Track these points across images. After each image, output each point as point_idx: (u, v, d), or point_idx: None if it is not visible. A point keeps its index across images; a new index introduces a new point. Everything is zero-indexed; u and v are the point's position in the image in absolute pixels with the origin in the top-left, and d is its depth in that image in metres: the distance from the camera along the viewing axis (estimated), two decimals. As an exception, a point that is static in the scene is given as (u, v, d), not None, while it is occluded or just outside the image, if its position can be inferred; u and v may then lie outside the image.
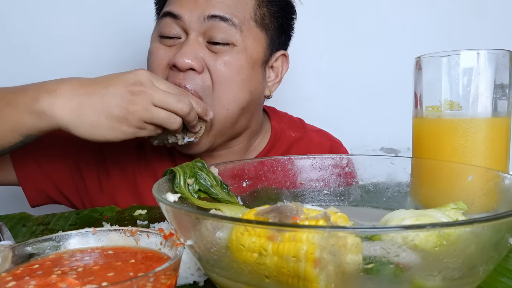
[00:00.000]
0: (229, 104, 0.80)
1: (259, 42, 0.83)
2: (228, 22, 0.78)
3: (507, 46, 0.60)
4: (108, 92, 0.66)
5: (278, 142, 0.97)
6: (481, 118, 0.58)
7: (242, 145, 0.92)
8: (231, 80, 0.79)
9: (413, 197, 0.58)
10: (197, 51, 0.78)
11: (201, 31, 0.78)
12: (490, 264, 0.36)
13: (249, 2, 0.82)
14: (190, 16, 0.78)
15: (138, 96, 0.66)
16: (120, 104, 0.66)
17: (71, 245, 0.42)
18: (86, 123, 0.66)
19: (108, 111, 0.66)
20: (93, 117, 0.66)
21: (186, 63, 0.76)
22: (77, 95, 0.66)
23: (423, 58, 0.61)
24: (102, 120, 0.66)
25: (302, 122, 1.06)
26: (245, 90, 0.81)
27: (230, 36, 0.78)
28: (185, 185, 0.50)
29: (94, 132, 0.66)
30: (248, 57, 0.81)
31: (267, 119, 1.01)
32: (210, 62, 0.78)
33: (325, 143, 1.01)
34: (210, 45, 0.79)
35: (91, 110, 0.66)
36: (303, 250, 0.32)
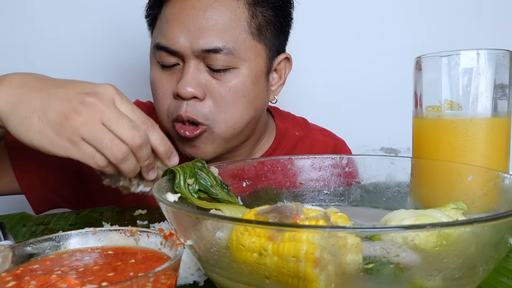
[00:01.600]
0: (236, 124, 0.80)
1: (260, 56, 0.81)
2: (223, 51, 0.76)
3: (507, 46, 0.60)
4: (56, 93, 0.56)
5: (283, 141, 0.97)
6: (481, 118, 0.58)
7: (247, 150, 0.92)
8: (237, 104, 0.79)
9: (413, 197, 0.58)
10: (199, 78, 0.77)
11: (199, 59, 0.77)
12: (490, 264, 0.36)
13: (242, 16, 0.78)
14: (184, 49, 0.76)
15: (86, 107, 0.54)
16: (61, 108, 0.54)
17: (71, 245, 0.42)
18: (17, 118, 0.55)
19: (44, 112, 0.54)
20: (25, 113, 0.54)
21: (189, 92, 0.75)
22: (23, 87, 0.56)
23: (423, 58, 0.61)
24: (34, 120, 0.54)
25: (305, 121, 1.06)
26: (250, 109, 0.81)
27: (228, 62, 0.77)
28: (185, 185, 0.50)
29: (21, 131, 0.55)
30: (251, 75, 0.79)
31: (271, 119, 1.01)
32: (212, 88, 0.77)
33: (329, 142, 1.01)
34: (210, 71, 0.77)
35: (27, 106, 0.55)
36: (303, 250, 0.32)
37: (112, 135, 0.53)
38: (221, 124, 0.78)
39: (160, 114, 0.82)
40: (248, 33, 0.78)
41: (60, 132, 0.53)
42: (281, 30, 0.86)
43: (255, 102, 0.82)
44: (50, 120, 0.54)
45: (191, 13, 0.76)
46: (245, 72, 0.78)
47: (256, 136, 0.92)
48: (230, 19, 0.77)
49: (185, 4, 0.77)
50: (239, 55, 0.77)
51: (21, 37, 1.29)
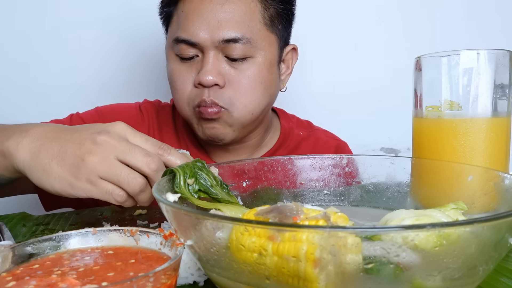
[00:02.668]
0: (254, 109, 0.86)
1: (273, 45, 0.87)
2: (241, 41, 0.81)
3: (507, 46, 0.60)
4: (70, 138, 0.58)
5: (287, 140, 1.01)
6: (481, 118, 0.58)
7: (256, 140, 0.97)
8: (255, 90, 0.85)
9: (413, 197, 0.58)
10: (219, 67, 0.82)
11: (218, 49, 0.82)
12: (490, 264, 0.36)
13: (255, 8, 0.84)
14: (204, 41, 0.81)
15: (99, 146, 0.56)
16: (76, 152, 0.56)
17: (71, 245, 0.42)
18: (39, 167, 0.58)
19: (61, 157, 0.57)
20: (45, 161, 0.57)
21: (210, 80, 0.80)
22: (42, 138, 0.59)
23: (423, 58, 0.61)
24: (53, 166, 0.57)
25: (309, 123, 1.11)
26: (266, 95, 0.87)
27: (246, 52, 0.82)
28: (185, 185, 0.50)
29: (43, 179, 0.57)
30: (267, 64, 0.85)
31: (276, 118, 1.06)
32: (232, 77, 0.83)
33: (331, 142, 1.05)
34: (229, 61, 0.83)
35: (46, 154, 0.58)
36: (303, 250, 0.32)
37: (128, 169, 0.55)
38: (240, 109, 0.84)
39: (179, 103, 0.88)
40: (262, 24, 0.85)
41: (78, 175, 0.55)
42: (289, 23, 0.92)
43: (270, 89, 0.88)
44: (68, 164, 0.56)
45: (210, 7, 0.81)
46: (261, 60, 0.84)
47: (264, 128, 0.97)
48: (245, 11, 0.83)
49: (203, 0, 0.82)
50: (256, 44, 0.83)
51: (21, 37, 1.29)
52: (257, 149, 0.99)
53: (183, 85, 0.85)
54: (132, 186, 0.55)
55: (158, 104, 1.04)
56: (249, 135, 0.94)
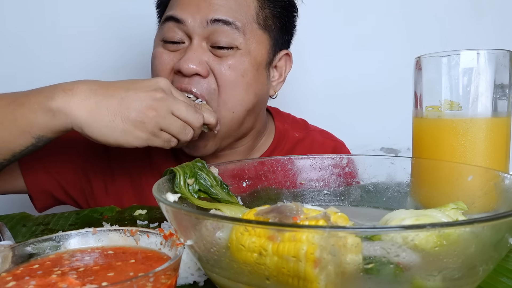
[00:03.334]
0: (235, 107, 0.80)
1: (263, 44, 0.83)
2: (231, 25, 0.78)
3: (507, 46, 0.60)
4: (128, 96, 0.66)
5: (282, 142, 0.97)
6: (481, 118, 0.58)
7: (247, 146, 0.93)
8: (237, 83, 0.80)
9: (413, 197, 0.58)
10: (202, 56, 0.78)
11: (204, 36, 0.79)
12: (490, 264, 0.36)
13: (251, 5, 0.81)
14: (193, 20, 0.78)
15: (158, 102, 0.66)
16: (139, 108, 0.65)
17: (71, 245, 0.42)
18: (101, 123, 0.64)
19: (125, 114, 0.65)
20: (109, 117, 0.65)
21: (191, 69, 0.76)
22: (95, 95, 0.65)
23: (423, 58, 0.61)
24: (118, 122, 0.65)
25: (305, 122, 1.06)
26: (250, 92, 0.82)
27: (233, 39, 0.78)
28: (185, 185, 0.50)
29: (108, 134, 0.65)
30: (252, 59, 0.81)
31: (270, 119, 1.01)
32: (214, 66, 0.79)
33: (328, 143, 1.01)
34: (214, 50, 0.79)
35: (108, 111, 0.65)
36: (303, 250, 0.32)
37: (181, 122, 0.69)
38: (221, 107, 0.79)
39: None
40: (255, 22, 0.82)
41: (143, 128, 0.66)
42: (286, 29, 0.89)
43: (254, 87, 0.82)
44: (132, 119, 0.65)
45: None
46: (246, 54, 0.80)
47: (255, 133, 0.92)
48: (240, 3, 0.80)
49: None
50: (244, 35, 0.79)
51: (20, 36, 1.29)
52: (249, 154, 0.95)
53: (162, 70, 0.81)
54: (185, 137, 0.70)
55: None
56: (237, 141, 0.90)
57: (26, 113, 0.65)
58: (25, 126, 0.66)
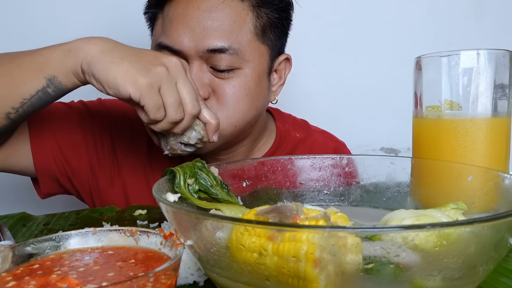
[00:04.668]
0: (238, 122, 0.81)
1: (263, 57, 0.82)
2: (228, 51, 0.76)
3: (507, 46, 0.60)
4: (145, 52, 0.67)
5: (284, 143, 0.97)
6: (481, 118, 0.58)
7: (245, 148, 0.93)
8: (240, 102, 0.79)
9: (413, 197, 0.58)
10: (202, 79, 0.77)
11: (203, 60, 0.77)
12: (490, 264, 0.36)
13: (246, 18, 0.78)
14: (188, 49, 0.76)
15: (171, 64, 0.65)
16: (151, 60, 0.64)
17: (71, 245, 0.42)
18: (108, 59, 0.63)
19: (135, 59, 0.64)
20: (117, 56, 0.64)
21: None
22: (114, 42, 0.67)
23: (423, 58, 0.61)
24: (125, 62, 0.63)
25: (306, 123, 1.06)
26: (252, 108, 0.82)
27: (233, 63, 0.77)
28: (185, 185, 0.50)
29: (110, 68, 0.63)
30: (255, 75, 0.80)
31: (271, 120, 1.01)
32: (216, 87, 0.78)
33: (329, 144, 1.01)
34: (215, 72, 0.78)
35: (120, 53, 0.64)
36: (303, 250, 0.32)
37: (179, 98, 0.64)
38: (223, 121, 0.77)
39: None
40: (253, 34, 0.79)
41: (146, 75, 0.62)
42: (283, 32, 0.87)
43: (256, 101, 0.82)
44: (139, 66, 0.63)
45: (196, 14, 0.76)
46: (249, 72, 0.79)
47: (254, 136, 0.92)
48: (235, 20, 0.77)
49: (190, 5, 0.77)
50: (244, 55, 0.78)
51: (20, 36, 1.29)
52: (249, 154, 0.95)
53: None
54: (173, 114, 0.64)
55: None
56: (236, 145, 0.90)
57: (45, 51, 0.67)
58: (41, 63, 0.66)
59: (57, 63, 0.66)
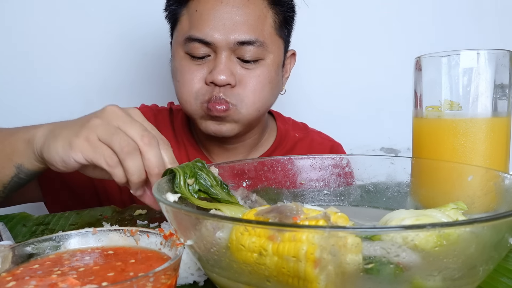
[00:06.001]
0: (262, 107, 0.89)
1: (280, 49, 0.91)
2: (255, 44, 0.84)
3: (507, 46, 0.60)
4: (84, 117, 0.62)
5: (283, 141, 1.04)
6: (481, 118, 0.58)
7: (253, 139, 0.99)
8: (264, 90, 0.88)
9: (413, 197, 0.58)
10: (232, 68, 0.85)
11: (231, 51, 0.85)
12: (490, 264, 0.36)
13: (267, 14, 0.87)
14: (219, 42, 0.83)
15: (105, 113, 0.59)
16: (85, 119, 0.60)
17: (71, 245, 0.42)
18: (51, 135, 0.61)
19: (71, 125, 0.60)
20: (57, 131, 0.61)
21: (224, 80, 0.83)
22: (60, 123, 0.64)
23: (423, 58, 0.61)
24: (63, 131, 0.60)
25: (305, 125, 1.13)
26: (274, 94, 0.92)
27: (258, 54, 0.86)
28: (185, 185, 0.50)
29: (51, 145, 0.60)
30: (275, 66, 0.90)
31: (272, 120, 1.08)
32: (243, 77, 0.86)
33: (326, 143, 1.08)
34: (241, 62, 0.86)
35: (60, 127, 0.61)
36: (303, 250, 0.32)
37: (123, 134, 0.56)
38: (249, 106, 0.86)
39: (185, 97, 0.88)
40: (273, 28, 0.89)
41: (79, 133, 0.57)
42: (292, 28, 0.96)
43: (276, 89, 0.92)
44: (74, 128, 0.59)
45: (226, 9, 0.84)
46: (270, 63, 0.88)
47: (260, 127, 0.99)
48: (259, 16, 0.86)
49: (219, 1, 0.85)
50: (267, 47, 0.87)
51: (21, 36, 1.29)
52: (254, 148, 1.01)
53: (191, 81, 0.86)
54: (122, 146, 0.55)
55: (155, 108, 1.06)
56: (248, 133, 0.96)
57: (13, 140, 0.68)
58: (9, 153, 0.68)
59: (20, 153, 0.67)
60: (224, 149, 0.98)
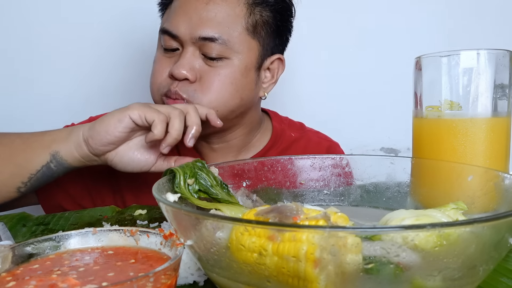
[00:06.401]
0: (219, 107, 0.85)
1: (252, 51, 0.88)
2: (218, 41, 0.83)
3: (507, 46, 0.60)
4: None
5: (279, 141, 1.02)
6: (481, 118, 0.58)
7: (239, 140, 0.97)
8: (222, 89, 0.85)
9: (413, 197, 0.58)
10: (193, 63, 0.84)
11: (196, 46, 0.84)
12: (490, 264, 0.36)
13: (240, 13, 0.85)
14: (184, 35, 0.84)
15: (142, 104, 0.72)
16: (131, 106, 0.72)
17: (71, 245, 0.42)
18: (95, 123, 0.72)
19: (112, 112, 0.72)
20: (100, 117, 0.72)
21: (182, 74, 0.83)
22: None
23: (423, 58, 0.61)
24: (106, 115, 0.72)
25: (302, 124, 1.11)
26: (236, 97, 0.87)
27: (222, 52, 0.84)
28: (185, 185, 0.50)
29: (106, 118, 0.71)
30: (242, 67, 0.86)
31: (268, 120, 1.06)
32: (204, 74, 0.85)
33: (323, 143, 1.06)
34: (205, 59, 0.85)
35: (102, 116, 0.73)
36: (303, 250, 0.32)
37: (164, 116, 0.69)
38: (203, 104, 0.83)
39: (151, 88, 0.91)
40: (244, 28, 0.86)
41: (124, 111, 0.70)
42: (277, 33, 0.92)
43: (241, 92, 0.88)
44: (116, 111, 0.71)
45: (195, 4, 0.84)
46: (236, 63, 0.85)
47: (246, 128, 0.97)
48: (228, 14, 0.84)
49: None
50: (232, 47, 0.84)
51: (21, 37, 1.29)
52: (244, 149, 0.99)
53: (158, 73, 0.88)
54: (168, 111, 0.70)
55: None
56: (229, 134, 0.95)
57: (53, 132, 0.76)
58: (48, 141, 0.74)
59: (61, 140, 0.74)
60: (211, 149, 0.97)
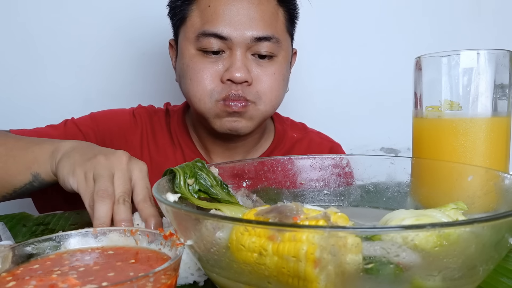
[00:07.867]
0: (277, 104, 0.92)
1: (289, 46, 0.94)
2: (272, 40, 0.86)
3: (507, 46, 0.60)
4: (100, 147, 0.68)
5: (282, 142, 1.03)
6: (481, 118, 0.58)
7: (254, 138, 0.99)
8: (278, 87, 0.90)
9: (413, 197, 0.58)
10: (248, 65, 0.86)
11: (246, 47, 0.85)
12: (490, 264, 0.36)
13: (279, 12, 0.89)
14: (236, 37, 0.84)
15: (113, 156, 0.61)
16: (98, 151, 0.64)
17: (71, 245, 0.42)
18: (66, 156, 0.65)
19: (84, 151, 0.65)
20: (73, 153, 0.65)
21: (242, 78, 0.84)
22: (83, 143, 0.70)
23: (423, 58, 0.61)
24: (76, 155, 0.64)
25: (304, 125, 1.11)
26: (284, 91, 0.94)
27: (273, 50, 0.87)
28: (185, 185, 0.50)
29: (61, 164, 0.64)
30: (286, 62, 0.92)
31: (270, 121, 1.07)
32: (259, 75, 0.87)
33: (325, 144, 1.06)
34: (256, 59, 0.87)
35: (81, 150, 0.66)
36: (303, 250, 0.32)
37: (110, 181, 0.58)
38: (266, 103, 0.88)
39: (199, 95, 0.87)
40: (284, 25, 0.91)
41: (83, 165, 0.61)
42: (294, 27, 0.97)
43: (287, 85, 0.95)
44: (85, 157, 0.62)
45: (242, 5, 0.85)
46: (282, 60, 0.90)
47: (263, 127, 0.99)
48: (272, 13, 0.88)
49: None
50: (281, 44, 0.89)
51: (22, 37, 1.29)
52: (253, 149, 1.01)
53: (206, 79, 0.86)
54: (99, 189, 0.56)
55: (151, 109, 1.05)
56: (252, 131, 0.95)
57: (36, 149, 0.71)
58: (30, 160, 0.71)
59: (41, 162, 0.70)
60: (224, 148, 0.97)
